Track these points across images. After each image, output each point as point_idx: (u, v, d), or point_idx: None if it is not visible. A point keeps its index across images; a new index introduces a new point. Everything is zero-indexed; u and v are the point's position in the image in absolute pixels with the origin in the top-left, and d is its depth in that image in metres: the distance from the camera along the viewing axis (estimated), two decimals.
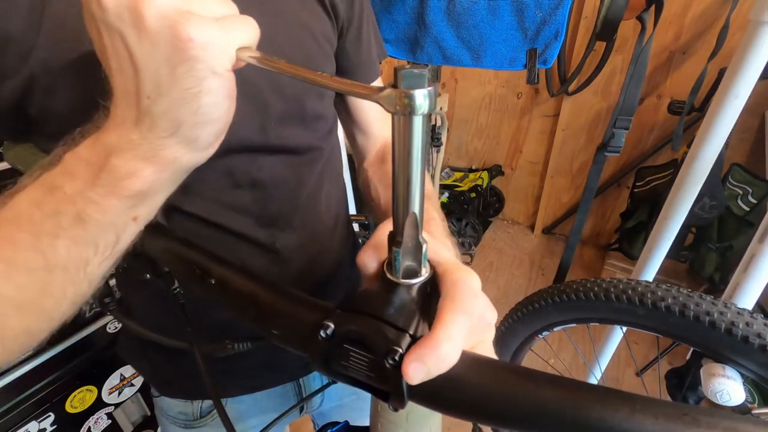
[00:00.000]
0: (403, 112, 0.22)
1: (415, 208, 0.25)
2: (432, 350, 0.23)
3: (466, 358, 0.25)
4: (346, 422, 0.56)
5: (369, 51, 0.60)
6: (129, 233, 0.32)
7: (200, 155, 0.31)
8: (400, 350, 0.23)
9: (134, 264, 0.47)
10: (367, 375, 0.25)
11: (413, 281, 0.27)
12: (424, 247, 0.26)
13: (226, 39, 0.26)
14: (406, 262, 0.27)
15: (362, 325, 0.25)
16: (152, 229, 0.41)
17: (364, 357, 0.25)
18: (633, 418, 0.20)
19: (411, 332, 0.24)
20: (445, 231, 0.41)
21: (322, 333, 0.25)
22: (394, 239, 0.26)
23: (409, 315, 0.25)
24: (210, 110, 0.28)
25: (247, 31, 0.28)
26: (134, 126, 0.28)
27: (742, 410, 0.71)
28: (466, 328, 0.24)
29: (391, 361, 0.23)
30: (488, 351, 0.30)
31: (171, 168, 0.30)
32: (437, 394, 0.24)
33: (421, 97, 0.21)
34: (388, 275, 0.27)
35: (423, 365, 0.22)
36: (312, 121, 0.53)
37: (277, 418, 0.51)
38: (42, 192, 0.29)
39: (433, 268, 0.28)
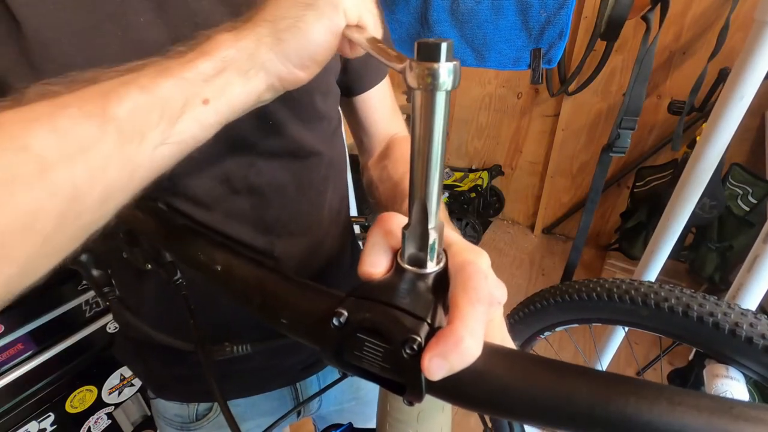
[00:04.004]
0: (425, 88, 0.20)
1: (434, 191, 0.23)
2: (454, 346, 0.21)
3: (487, 348, 0.23)
4: (350, 424, 0.56)
5: None
6: (193, 117, 0.30)
7: (278, 65, 0.32)
8: (419, 339, 0.22)
9: (136, 253, 0.46)
10: (381, 366, 0.24)
11: (429, 271, 0.26)
12: (437, 234, 0.25)
13: (356, 4, 0.33)
14: (421, 252, 0.25)
15: (378, 312, 0.24)
16: (155, 214, 0.40)
17: (380, 347, 0.24)
18: (673, 413, 0.19)
19: (429, 321, 0.23)
20: (449, 221, 0.40)
21: (335, 321, 0.24)
22: (410, 227, 0.25)
23: (426, 303, 0.24)
24: (307, 25, 0.32)
25: (373, 20, 0.35)
26: (248, 14, 0.33)
27: None
28: (484, 318, 0.23)
29: (408, 351, 0.22)
30: (498, 329, 0.29)
31: (253, 47, 0.31)
32: (458, 387, 0.23)
33: (445, 72, 0.20)
34: (403, 264, 0.26)
35: (446, 362, 0.21)
36: (315, 121, 0.52)
37: (274, 423, 0.50)
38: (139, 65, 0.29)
39: (446, 252, 0.27)
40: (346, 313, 0.24)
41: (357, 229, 1.36)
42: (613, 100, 2.18)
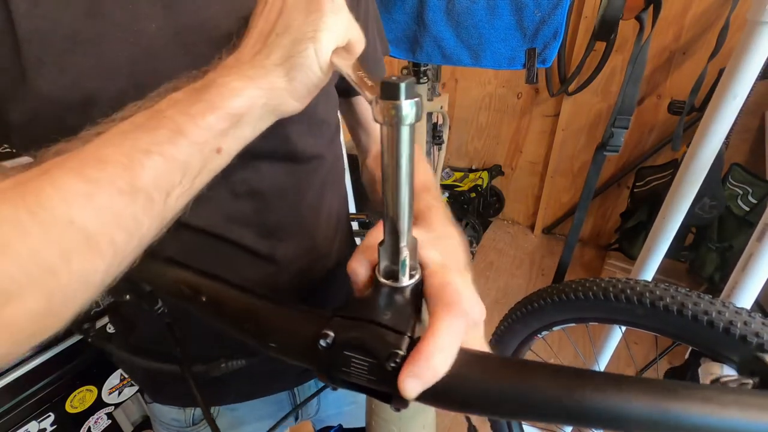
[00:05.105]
0: (389, 123, 0.22)
1: (404, 214, 0.25)
2: (426, 365, 0.23)
3: (464, 355, 0.25)
4: (340, 425, 0.57)
5: (375, 51, 0.59)
6: (210, 168, 0.33)
7: (291, 101, 0.35)
8: (401, 352, 0.24)
9: (113, 286, 0.46)
10: (368, 379, 0.26)
11: (405, 284, 0.27)
12: (413, 250, 0.27)
13: (345, 26, 0.34)
14: (396, 266, 0.27)
15: (362, 331, 0.26)
16: None
17: (365, 362, 0.25)
18: (620, 396, 0.22)
19: (409, 334, 0.25)
20: (447, 218, 0.41)
21: (322, 342, 0.26)
22: (384, 244, 0.27)
23: (405, 317, 0.26)
24: (309, 59, 0.33)
25: (357, 37, 0.36)
26: (252, 55, 0.34)
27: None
28: (458, 333, 0.25)
29: (392, 364, 0.24)
30: (477, 347, 0.30)
31: (267, 95, 0.33)
32: (439, 392, 0.25)
33: (408, 108, 0.22)
34: (382, 279, 0.28)
35: (419, 380, 0.23)
36: (316, 126, 0.52)
37: (272, 428, 0.51)
38: (143, 116, 0.30)
39: (422, 268, 0.29)
40: (332, 334, 0.26)
41: (355, 225, 1.37)
42: (613, 100, 2.17)
